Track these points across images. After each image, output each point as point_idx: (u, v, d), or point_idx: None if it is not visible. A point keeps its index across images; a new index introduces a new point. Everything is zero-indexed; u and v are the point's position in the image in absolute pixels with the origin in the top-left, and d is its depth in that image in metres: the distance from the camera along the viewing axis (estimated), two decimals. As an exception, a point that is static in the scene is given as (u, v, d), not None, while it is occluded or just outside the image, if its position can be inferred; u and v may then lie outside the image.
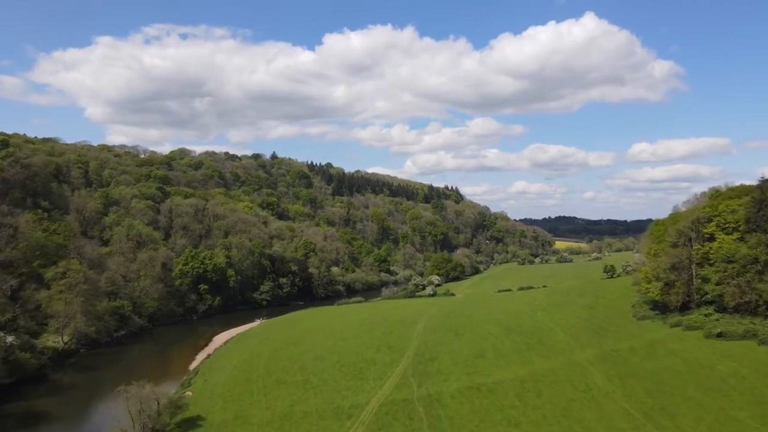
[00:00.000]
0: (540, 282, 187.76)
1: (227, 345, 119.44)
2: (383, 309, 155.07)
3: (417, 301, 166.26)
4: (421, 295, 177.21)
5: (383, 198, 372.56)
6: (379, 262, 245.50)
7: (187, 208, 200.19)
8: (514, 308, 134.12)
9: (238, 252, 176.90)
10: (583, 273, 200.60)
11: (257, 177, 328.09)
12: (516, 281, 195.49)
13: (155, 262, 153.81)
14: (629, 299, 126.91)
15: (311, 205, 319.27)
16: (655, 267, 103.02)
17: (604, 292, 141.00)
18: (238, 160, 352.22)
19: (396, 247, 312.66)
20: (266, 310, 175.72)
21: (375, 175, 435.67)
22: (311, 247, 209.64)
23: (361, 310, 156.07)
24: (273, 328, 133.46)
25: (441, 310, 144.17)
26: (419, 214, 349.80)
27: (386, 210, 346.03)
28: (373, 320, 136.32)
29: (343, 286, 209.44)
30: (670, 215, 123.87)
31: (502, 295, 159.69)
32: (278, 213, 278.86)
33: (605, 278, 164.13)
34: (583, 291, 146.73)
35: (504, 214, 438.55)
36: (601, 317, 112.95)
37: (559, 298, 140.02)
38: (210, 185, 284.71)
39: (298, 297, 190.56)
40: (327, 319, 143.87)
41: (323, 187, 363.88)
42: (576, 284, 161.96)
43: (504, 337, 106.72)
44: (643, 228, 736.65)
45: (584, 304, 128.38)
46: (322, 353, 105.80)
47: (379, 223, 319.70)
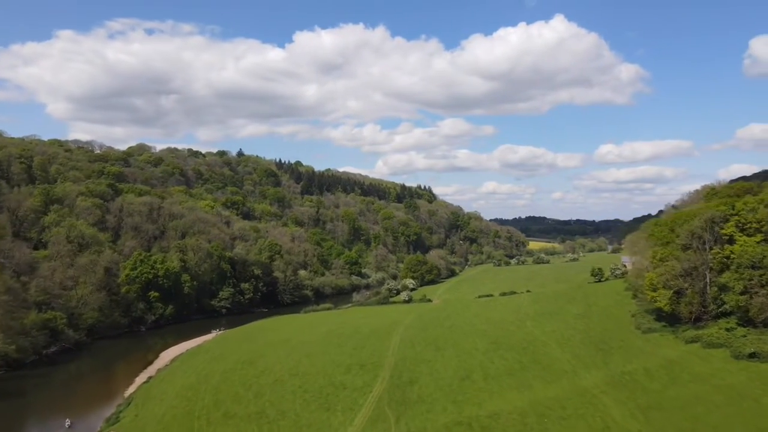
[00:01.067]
0: (521, 286, 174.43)
1: (173, 364, 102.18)
2: (354, 318, 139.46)
3: (391, 309, 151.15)
4: (396, 300, 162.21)
5: (354, 197, 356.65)
6: (350, 265, 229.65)
7: (140, 206, 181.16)
8: (499, 317, 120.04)
9: (195, 255, 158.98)
10: (565, 275, 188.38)
11: (222, 175, 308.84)
12: (496, 285, 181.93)
13: (97, 267, 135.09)
14: (625, 307, 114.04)
15: (279, 205, 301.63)
16: (662, 273, 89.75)
17: (595, 298, 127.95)
18: (201, 156, 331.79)
19: (368, 248, 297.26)
20: (225, 319, 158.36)
21: (346, 174, 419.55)
22: (277, 249, 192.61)
23: (329, 320, 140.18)
24: (229, 342, 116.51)
25: (418, 319, 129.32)
26: (392, 213, 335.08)
27: (358, 210, 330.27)
28: (342, 332, 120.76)
29: (311, 291, 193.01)
30: (673, 214, 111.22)
31: (483, 301, 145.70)
32: (243, 213, 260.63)
33: (593, 282, 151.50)
34: (571, 297, 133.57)
35: (477, 214, 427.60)
36: (598, 329, 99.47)
37: (547, 306, 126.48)
38: (170, 183, 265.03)
39: (262, 304, 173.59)
40: (291, 330, 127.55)
41: (292, 186, 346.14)
42: (562, 289, 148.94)
43: (492, 353, 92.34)
44: (611, 228, 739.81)
45: (576, 313, 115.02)
46: (282, 375, 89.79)
47: (350, 223, 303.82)
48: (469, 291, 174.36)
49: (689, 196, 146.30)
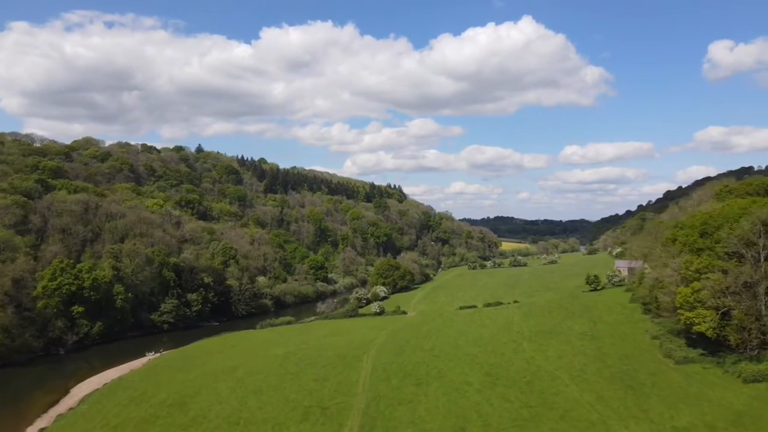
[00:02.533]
0: (506, 294, 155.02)
1: (79, 408, 78.36)
2: (318, 335, 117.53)
3: (360, 323, 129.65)
4: (365, 312, 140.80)
5: (321, 196, 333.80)
6: (315, 269, 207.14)
7: (73, 205, 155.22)
8: (489, 336, 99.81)
9: (131, 261, 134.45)
10: (551, 281, 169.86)
11: (178, 172, 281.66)
12: (476, 292, 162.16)
13: (3, 278, 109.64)
14: (638, 325, 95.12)
15: (240, 204, 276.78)
16: (697, 288, 70.65)
17: (597, 312, 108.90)
18: (156, 152, 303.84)
19: (335, 251, 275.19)
20: (168, 336, 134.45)
21: (312, 172, 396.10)
22: (232, 252, 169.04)
23: (288, 338, 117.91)
24: (159, 372, 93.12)
25: (392, 337, 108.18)
26: (360, 213, 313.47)
27: (324, 209, 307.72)
28: (303, 355, 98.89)
29: (270, 300, 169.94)
30: (691, 215, 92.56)
31: (466, 314, 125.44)
32: (200, 212, 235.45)
33: (587, 290, 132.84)
34: (568, 309, 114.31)
35: (449, 214, 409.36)
36: (616, 355, 79.99)
37: (544, 321, 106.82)
38: (118, 180, 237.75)
39: (213, 316, 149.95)
40: (240, 353, 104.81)
41: (254, 184, 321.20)
42: (554, 299, 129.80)
43: (489, 390, 71.87)
44: (578, 228, 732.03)
45: (581, 332, 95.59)
46: (218, 425, 67.50)
47: (317, 223, 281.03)
48: (447, 300, 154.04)
49: (697, 195, 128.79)
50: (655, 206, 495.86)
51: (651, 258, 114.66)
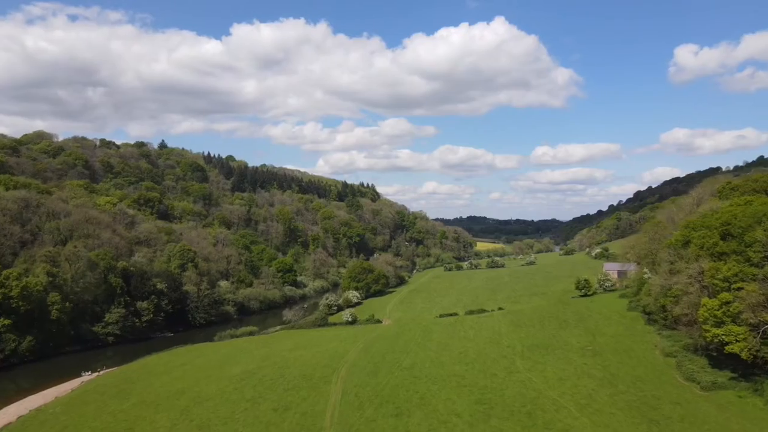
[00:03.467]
0: (485, 297, 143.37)
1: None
2: (282, 349, 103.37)
3: (330, 333, 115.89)
4: (336, 321, 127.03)
5: (291, 195, 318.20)
6: (283, 272, 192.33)
7: (9, 203, 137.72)
8: (476, 352, 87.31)
9: (71, 266, 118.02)
10: (534, 285, 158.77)
11: (137, 168, 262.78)
12: (456, 297, 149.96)
13: None
14: (643, 338, 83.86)
15: (205, 203, 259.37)
16: (725, 301, 59.27)
17: (594, 322, 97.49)
18: (114, 147, 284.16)
19: (306, 252, 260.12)
20: (114, 349, 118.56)
21: (283, 170, 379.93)
22: (190, 255, 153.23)
23: (249, 352, 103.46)
24: (88, 402, 77.79)
25: (366, 353, 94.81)
26: (332, 213, 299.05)
27: (295, 208, 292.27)
28: (263, 375, 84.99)
29: (233, 307, 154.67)
30: (702, 215, 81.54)
31: (447, 323, 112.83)
32: (160, 211, 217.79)
33: (577, 296, 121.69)
34: (561, 318, 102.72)
35: (423, 213, 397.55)
36: (626, 377, 68.15)
37: (535, 333, 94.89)
38: (71, 176, 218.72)
39: (167, 326, 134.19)
40: (191, 372, 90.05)
41: (221, 182, 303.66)
42: (543, 305, 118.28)
43: (483, 424, 59.45)
44: (549, 227, 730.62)
45: (579, 346, 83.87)
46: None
47: (286, 223, 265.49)
48: (425, 306, 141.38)
49: (696, 192, 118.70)
50: (626, 206, 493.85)
51: (649, 261, 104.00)
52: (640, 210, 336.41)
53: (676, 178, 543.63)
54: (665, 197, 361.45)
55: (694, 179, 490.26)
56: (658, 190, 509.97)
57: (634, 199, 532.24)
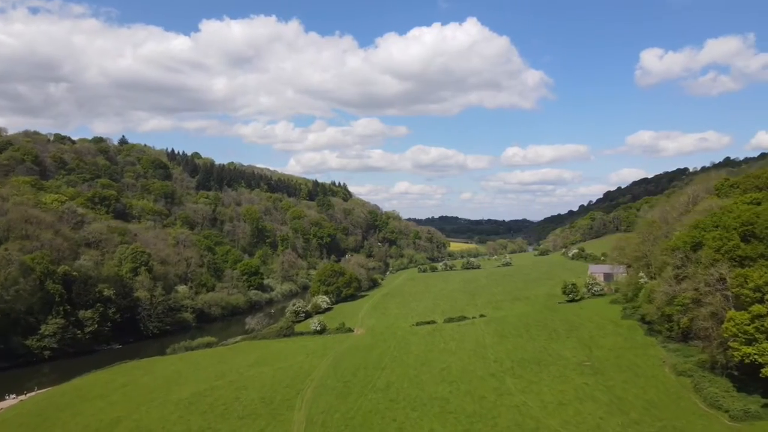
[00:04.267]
0: (464, 302, 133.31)
1: None
2: (240, 365, 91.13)
3: (297, 345, 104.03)
4: (303, 330, 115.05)
5: (260, 193, 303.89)
6: (249, 275, 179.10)
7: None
8: (459, 368, 76.73)
9: (1, 271, 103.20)
10: (514, 288, 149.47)
11: (94, 165, 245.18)
12: (433, 302, 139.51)
13: None
14: (646, 351, 74.44)
15: (167, 201, 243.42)
16: (758, 314, 49.88)
17: (586, 331, 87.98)
18: (69, 142, 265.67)
19: (274, 253, 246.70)
20: (51, 365, 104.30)
21: (252, 168, 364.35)
22: (144, 258, 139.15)
23: (202, 369, 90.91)
24: (1, 437, 64.65)
25: (335, 369, 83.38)
26: (302, 212, 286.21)
27: (263, 207, 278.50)
28: (215, 399, 72.78)
29: (191, 314, 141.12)
30: (712, 213, 72.57)
31: (425, 332, 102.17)
32: (117, 210, 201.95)
33: (564, 302, 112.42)
34: (550, 328, 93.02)
35: (396, 213, 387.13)
36: (637, 402, 58.29)
37: (523, 345, 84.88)
38: (19, 172, 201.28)
39: (115, 337, 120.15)
40: (130, 397, 77.04)
41: (185, 180, 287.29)
42: (528, 312, 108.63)
43: (475, 465, 48.60)
44: (521, 227, 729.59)
45: (576, 361, 74.04)
46: None
47: (254, 223, 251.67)
48: (400, 312, 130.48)
49: (691, 190, 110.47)
50: (597, 206, 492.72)
51: (643, 264, 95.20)
52: (614, 210, 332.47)
53: (644, 179, 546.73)
54: (638, 197, 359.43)
55: (662, 179, 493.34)
56: (628, 191, 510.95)
57: (604, 200, 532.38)
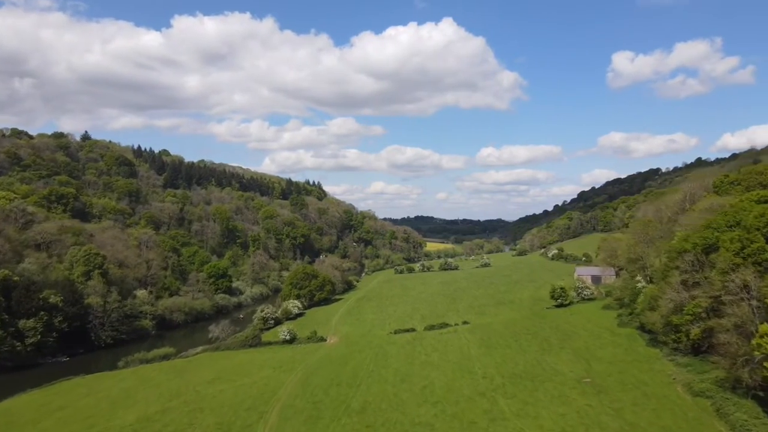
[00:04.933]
0: (444, 307, 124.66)
1: None
2: (198, 382, 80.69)
3: (263, 357, 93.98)
4: (272, 340, 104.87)
5: (231, 192, 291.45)
6: (216, 278, 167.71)
7: None
8: (444, 385, 67.85)
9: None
10: (496, 291, 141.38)
11: (53, 161, 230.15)
12: (411, 306, 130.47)
13: None
14: (650, 365, 66.54)
15: (131, 200, 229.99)
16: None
17: (580, 341, 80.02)
18: (26, 137, 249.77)
19: (245, 254, 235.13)
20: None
21: (223, 166, 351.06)
22: (98, 260, 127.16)
23: (154, 386, 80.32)
24: None
25: (305, 386, 73.80)
26: (275, 212, 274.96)
27: (234, 207, 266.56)
28: (165, 425, 62.74)
29: (151, 321, 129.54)
30: (723, 213, 65.13)
31: (404, 341, 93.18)
32: (76, 209, 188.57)
33: (552, 306, 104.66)
34: (541, 337, 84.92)
35: (371, 213, 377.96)
36: (652, 429, 50.13)
37: (513, 357, 76.45)
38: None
39: (63, 348, 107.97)
40: (68, 423, 66.09)
41: (152, 178, 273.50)
42: (515, 319, 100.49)
43: None
44: (496, 227, 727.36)
45: (574, 376, 65.78)
46: None
47: (224, 222, 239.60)
48: (377, 318, 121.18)
49: (688, 188, 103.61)
50: (572, 206, 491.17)
51: (639, 266, 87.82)
52: (591, 210, 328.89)
53: (618, 179, 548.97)
54: (615, 197, 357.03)
55: (636, 179, 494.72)
56: (603, 191, 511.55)
57: (579, 199, 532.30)
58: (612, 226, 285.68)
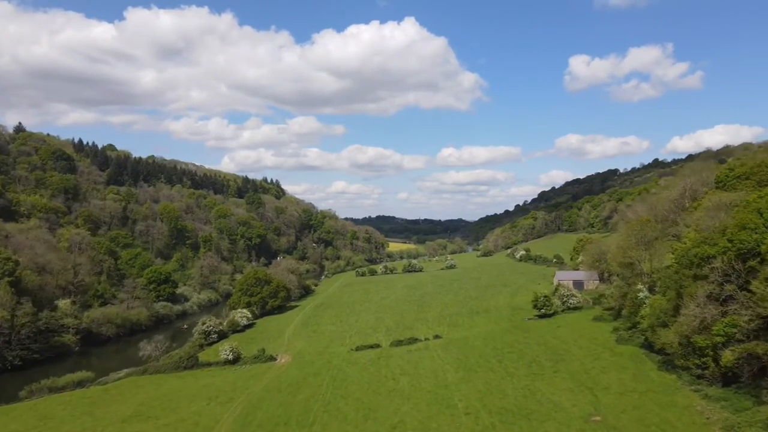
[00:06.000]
0: (412, 316, 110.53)
1: None
2: (109, 422, 63.79)
3: (198, 384, 77.50)
4: (210, 360, 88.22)
5: (182, 190, 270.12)
6: (157, 284, 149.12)
7: None
8: (418, 424, 53.46)
9: None
10: (467, 297, 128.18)
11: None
12: (374, 315, 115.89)
13: None
14: (670, 396, 53.72)
15: (68, 197, 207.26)
16: None
17: (576, 363, 66.95)
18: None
19: (195, 256, 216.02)
20: None
21: (175, 162, 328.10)
22: (8, 266, 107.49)
23: (53, 427, 63.06)
24: None
25: (243, 427, 58.20)
26: (228, 210, 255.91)
27: (184, 205, 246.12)
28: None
29: (75, 336, 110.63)
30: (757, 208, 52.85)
31: (367, 361, 78.46)
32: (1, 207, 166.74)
33: (534, 317, 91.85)
34: (529, 357, 71.56)
35: (332, 212, 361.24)
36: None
37: (500, 385, 62.59)
38: None
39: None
40: None
41: (94, 174, 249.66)
42: (494, 333, 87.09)
43: None
44: (457, 227, 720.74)
45: (579, 413, 52.39)
46: None
47: (172, 222, 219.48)
48: (335, 330, 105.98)
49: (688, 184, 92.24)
50: (533, 206, 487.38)
51: (636, 272, 75.74)
52: (555, 210, 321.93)
53: (577, 179, 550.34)
54: (578, 196, 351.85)
55: (595, 180, 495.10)
56: (563, 191, 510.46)
57: (539, 199, 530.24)
58: (577, 225, 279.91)
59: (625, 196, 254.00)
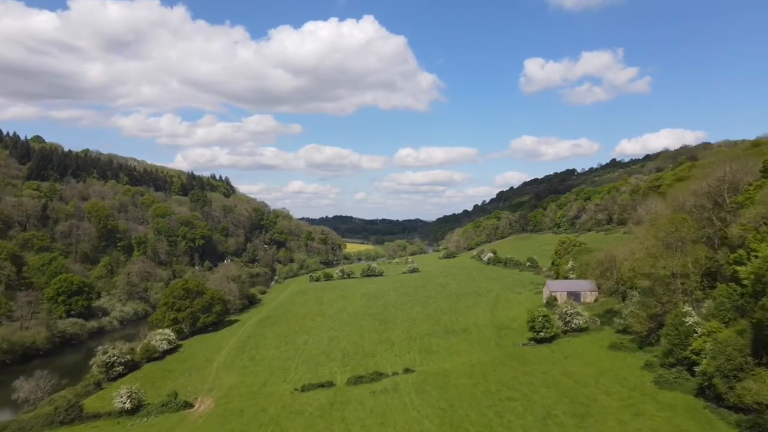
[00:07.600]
0: (373, 336, 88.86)
1: None
2: None
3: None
4: (101, 410, 64.07)
5: (117, 186, 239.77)
6: (68, 295, 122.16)
7: None
8: None
9: None
10: (437, 309, 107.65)
11: None
12: (328, 333, 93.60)
13: None
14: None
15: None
16: None
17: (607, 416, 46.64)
18: None
19: (129, 260, 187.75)
20: None
21: (111, 156, 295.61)
22: None
23: None
24: None
25: None
26: (169, 209, 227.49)
27: (117, 203, 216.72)
28: None
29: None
30: None
31: (317, 411, 56.29)
32: None
33: (530, 343, 71.59)
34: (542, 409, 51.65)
35: (286, 212, 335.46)
36: None
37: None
38: None
39: None
40: None
41: (12, 167, 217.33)
42: (486, 366, 66.25)
43: None
44: (415, 227, 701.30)
45: None
46: None
47: (101, 221, 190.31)
48: (279, 356, 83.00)
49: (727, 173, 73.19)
50: (492, 206, 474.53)
51: (670, 288, 56.32)
52: (519, 210, 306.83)
53: (535, 179, 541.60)
54: (541, 196, 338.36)
55: (553, 180, 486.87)
56: (521, 191, 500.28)
57: (498, 199, 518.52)
58: (543, 225, 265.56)
59: (593, 194, 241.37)
